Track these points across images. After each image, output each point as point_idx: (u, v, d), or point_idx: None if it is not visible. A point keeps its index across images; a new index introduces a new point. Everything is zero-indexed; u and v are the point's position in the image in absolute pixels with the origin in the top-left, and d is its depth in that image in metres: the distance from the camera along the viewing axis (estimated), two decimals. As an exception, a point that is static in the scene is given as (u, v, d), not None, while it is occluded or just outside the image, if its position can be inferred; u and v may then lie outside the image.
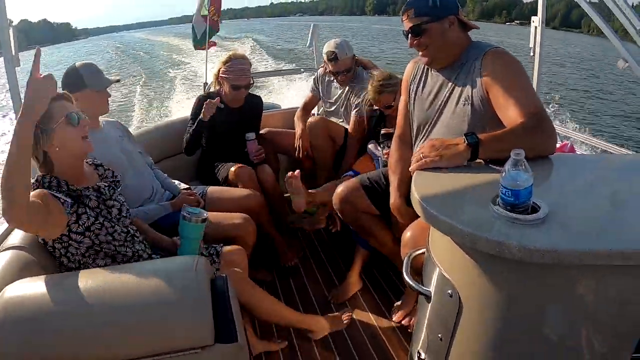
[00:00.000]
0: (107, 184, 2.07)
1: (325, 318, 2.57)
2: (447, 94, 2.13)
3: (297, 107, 4.09)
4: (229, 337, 1.58)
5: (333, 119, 3.73)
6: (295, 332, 2.63)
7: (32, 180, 1.83)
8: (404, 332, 2.59)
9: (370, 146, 3.27)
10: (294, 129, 3.74)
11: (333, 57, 3.36)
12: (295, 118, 3.78)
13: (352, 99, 3.48)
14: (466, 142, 1.61)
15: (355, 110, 3.42)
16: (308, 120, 3.52)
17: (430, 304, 1.57)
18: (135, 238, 2.09)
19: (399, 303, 2.73)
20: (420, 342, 1.71)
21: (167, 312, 1.53)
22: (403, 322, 2.62)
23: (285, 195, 3.57)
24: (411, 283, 1.61)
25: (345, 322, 2.60)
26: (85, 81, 2.45)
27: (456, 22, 2.07)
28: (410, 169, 1.63)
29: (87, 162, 2.08)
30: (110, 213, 2.01)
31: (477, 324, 1.41)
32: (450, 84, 2.11)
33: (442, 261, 1.49)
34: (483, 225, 1.25)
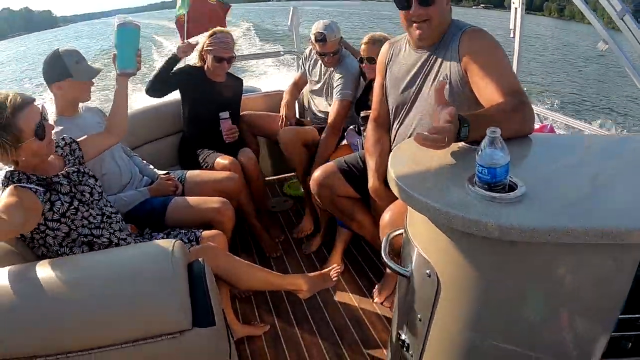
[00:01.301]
0: (75, 169, 2.05)
1: (311, 276, 2.44)
2: (425, 74, 2.09)
3: (278, 91, 4.08)
4: (206, 321, 1.57)
5: (317, 99, 3.68)
6: (277, 315, 2.64)
7: (2, 177, 1.83)
8: (386, 314, 2.60)
9: (350, 132, 3.24)
10: (274, 112, 3.72)
11: (321, 39, 3.30)
12: (285, 92, 3.76)
13: (335, 80, 3.43)
14: (459, 136, 1.51)
15: (338, 94, 3.33)
16: (279, 134, 3.41)
17: (409, 285, 1.56)
18: (113, 218, 2.07)
19: (379, 285, 2.73)
20: (400, 323, 1.70)
21: (143, 298, 1.51)
22: (384, 304, 2.63)
23: (266, 179, 3.56)
24: (390, 264, 1.59)
25: (334, 278, 2.45)
26: (69, 70, 2.37)
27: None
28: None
29: None
30: (83, 196, 1.99)
31: (455, 304, 1.40)
32: (427, 63, 2.08)
33: (420, 241, 1.48)
34: (459, 204, 1.24)
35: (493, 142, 1.26)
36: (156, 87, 3.26)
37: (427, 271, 1.42)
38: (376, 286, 2.75)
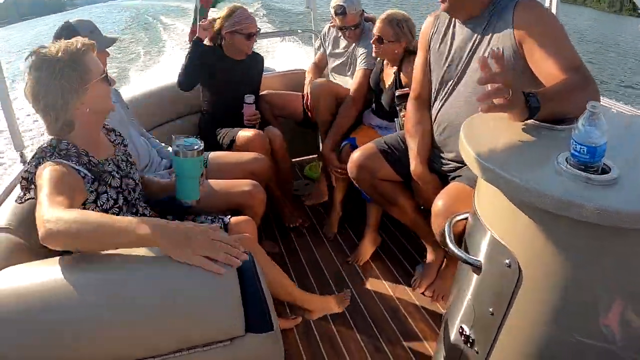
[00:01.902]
0: (124, 158, 1.86)
1: (325, 298, 2.40)
2: (473, 49, 1.97)
3: (297, 70, 3.94)
4: (262, 326, 1.33)
5: (339, 77, 3.53)
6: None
7: (45, 145, 1.59)
8: (425, 304, 2.46)
9: (367, 114, 3.11)
10: (293, 91, 3.59)
11: (341, 12, 3.15)
12: (307, 72, 3.65)
13: (358, 55, 3.27)
14: (528, 105, 1.39)
15: (362, 64, 3.20)
16: (312, 86, 3.31)
17: (479, 275, 1.41)
18: (148, 216, 1.90)
19: (419, 273, 2.59)
20: (463, 317, 1.57)
21: (185, 300, 1.27)
22: (425, 294, 2.48)
23: (292, 160, 3.40)
24: (458, 253, 1.45)
25: (345, 304, 2.43)
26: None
27: None
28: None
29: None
30: (129, 193, 1.80)
31: (537, 297, 1.26)
32: (476, 37, 1.95)
33: (497, 227, 1.33)
34: (551, 184, 1.12)
35: (592, 119, 1.13)
36: (190, 81, 3.08)
37: (507, 261, 1.28)
38: (415, 275, 2.61)
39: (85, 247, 1.26)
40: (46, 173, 1.45)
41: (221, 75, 3.12)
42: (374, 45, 2.88)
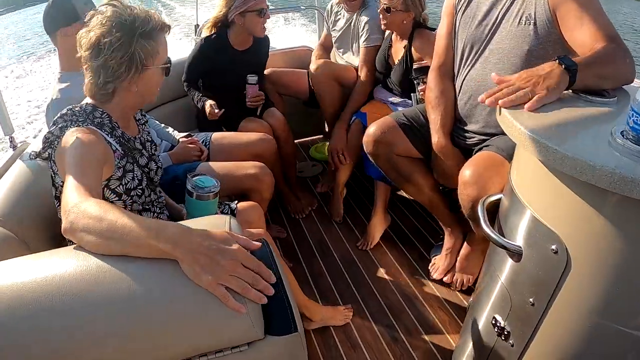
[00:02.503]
0: (149, 139, 1.73)
1: (328, 310, 2.21)
2: (502, 12, 1.85)
3: (302, 47, 3.79)
4: (284, 327, 1.09)
5: (344, 55, 3.39)
6: (320, 295, 2.37)
7: (76, 108, 1.46)
8: (445, 292, 2.33)
9: (376, 94, 2.94)
10: (299, 69, 3.43)
11: None
12: (312, 54, 3.52)
13: (361, 26, 3.12)
14: (563, 66, 1.31)
15: (364, 41, 3.05)
16: (311, 67, 3.17)
17: (519, 262, 1.28)
18: (161, 202, 1.77)
19: (437, 258, 2.45)
20: (496, 306, 1.44)
21: (195, 301, 1.04)
22: (444, 279, 2.34)
23: (295, 141, 3.25)
24: (494, 237, 1.31)
25: (346, 319, 2.20)
26: (77, 12, 2.06)
27: None
28: (501, 102, 1.30)
29: None
30: (153, 175, 1.68)
31: (586, 284, 1.14)
32: (506, 0, 1.84)
33: (540, 207, 1.20)
34: (606, 157, 1.00)
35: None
36: (194, 78, 3.02)
37: (553, 246, 1.15)
38: (433, 260, 2.47)
39: (102, 250, 1.09)
40: (77, 142, 1.32)
41: (224, 67, 2.96)
42: (381, 16, 2.72)
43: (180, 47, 2.98)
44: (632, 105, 1.02)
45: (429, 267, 2.45)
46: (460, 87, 2.05)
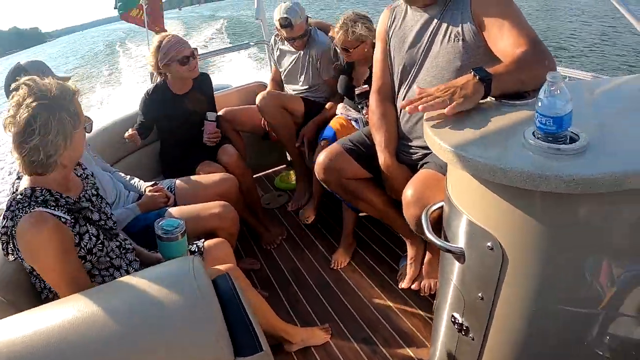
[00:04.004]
0: (94, 192, 1.81)
1: (305, 330, 2.29)
2: (433, 33, 2.00)
3: (254, 82, 3.91)
4: (251, 347, 1.27)
5: (291, 87, 3.52)
6: (296, 315, 2.48)
7: (18, 196, 1.53)
8: (415, 298, 2.43)
9: (342, 110, 3.07)
10: (253, 105, 3.49)
11: (287, 24, 3.12)
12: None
13: (311, 62, 3.28)
14: (477, 77, 1.43)
15: (324, 76, 3.29)
16: (257, 100, 3.26)
17: (463, 262, 1.40)
18: (127, 248, 1.86)
19: (402, 268, 2.57)
20: (453, 305, 1.55)
21: (167, 331, 1.24)
22: (412, 287, 2.45)
23: (255, 175, 3.35)
24: (438, 243, 1.43)
25: (325, 338, 2.29)
26: None
27: None
28: (421, 107, 1.41)
29: None
30: (106, 224, 1.76)
31: (522, 275, 1.26)
32: (435, 21, 1.99)
33: (474, 211, 1.31)
34: (520, 160, 1.10)
35: (553, 89, 1.13)
36: (146, 133, 3.13)
37: (488, 244, 1.26)
38: (400, 271, 2.58)
39: None
40: (37, 239, 1.47)
41: (169, 115, 3.06)
42: (344, 56, 2.93)
43: (140, 94, 3.10)
44: (537, 107, 1.13)
45: (397, 278, 2.56)
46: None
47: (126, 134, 2.91)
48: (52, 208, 1.53)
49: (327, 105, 3.31)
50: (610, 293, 1.21)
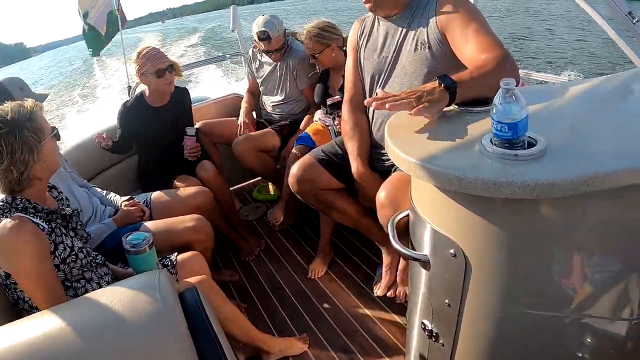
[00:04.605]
0: (70, 210, 1.84)
1: (284, 340, 2.30)
2: (400, 41, 2.04)
3: (231, 94, 3.94)
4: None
5: (270, 98, 3.55)
6: (274, 327, 2.47)
7: None
8: (392, 305, 2.44)
9: (320, 115, 3.09)
10: (230, 117, 3.58)
11: (265, 37, 3.16)
12: (242, 102, 3.64)
13: (288, 71, 3.33)
14: (442, 85, 1.45)
15: (303, 85, 3.35)
16: (233, 147, 3.30)
17: (428, 270, 1.41)
18: (98, 261, 1.88)
19: (378, 276, 2.58)
20: (423, 312, 1.56)
21: (133, 346, 1.25)
22: (389, 294, 2.46)
23: (233, 188, 3.35)
24: (403, 251, 1.45)
25: (303, 347, 2.29)
26: (13, 97, 2.10)
27: None
28: (388, 106, 1.43)
29: None
30: (80, 241, 1.78)
31: (486, 280, 1.27)
32: (401, 30, 2.03)
33: (436, 219, 1.33)
34: (478, 167, 1.12)
35: (508, 95, 1.14)
36: (124, 151, 3.19)
37: (451, 251, 1.28)
38: (375, 278, 2.59)
39: None
40: (15, 243, 1.49)
41: (146, 128, 3.07)
42: (313, 62, 3.00)
43: (117, 108, 3.13)
44: (492, 114, 1.15)
45: (373, 285, 2.57)
46: (372, 115, 2.20)
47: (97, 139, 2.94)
48: (32, 215, 1.59)
49: (304, 122, 3.34)
50: (575, 295, 1.23)
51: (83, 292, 1.73)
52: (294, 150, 3.00)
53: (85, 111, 17.25)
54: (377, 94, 2.11)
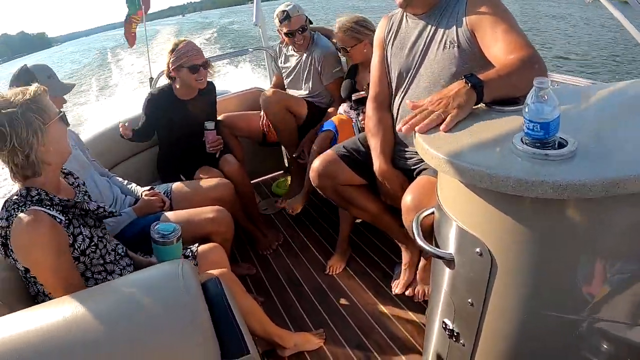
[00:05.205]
0: (86, 199, 1.84)
1: (298, 335, 2.29)
2: (428, 39, 2.03)
3: (252, 88, 3.94)
4: (237, 350, 1.29)
5: (294, 92, 3.55)
6: (292, 322, 2.47)
7: (14, 196, 1.57)
8: (409, 304, 2.43)
9: (343, 109, 3.08)
10: (251, 111, 3.58)
11: (285, 16, 3.20)
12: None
13: (313, 65, 3.33)
14: (469, 84, 1.44)
15: (329, 78, 3.33)
16: (261, 98, 3.33)
17: (452, 268, 1.40)
18: (120, 253, 1.88)
19: (397, 274, 2.58)
20: (444, 311, 1.55)
21: (156, 334, 1.25)
22: (407, 293, 2.46)
23: (252, 181, 3.36)
24: (428, 249, 1.44)
25: (319, 343, 2.29)
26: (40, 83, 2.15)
27: None
28: (418, 129, 1.41)
29: None
30: (98, 230, 1.77)
31: (511, 280, 1.26)
32: (430, 28, 2.02)
33: (463, 217, 1.32)
34: (508, 166, 1.11)
35: (540, 95, 1.13)
36: (145, 138, 3.19)
37: (477, 249, 1.27)
38: (394, 276, 2.59)
39: None
40: (33, 237, 1.50)
41: (171, 119, 3.08)
42: (343, 57, 3.02)
43: (136, 99, 3.16)
44: (524, 113, 1.14)
45: (391, 283, 2.56)
46: (397, 112, 2.18)
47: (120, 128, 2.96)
48: (48, 207, 1.57)
49: (329, 111, 3.34)
50: (600, 299, 1.21)
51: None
52: (314, 147, 3.00)
53: (104, 102, 17.41)
54: (403, 95, 2.12)
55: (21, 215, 1.50)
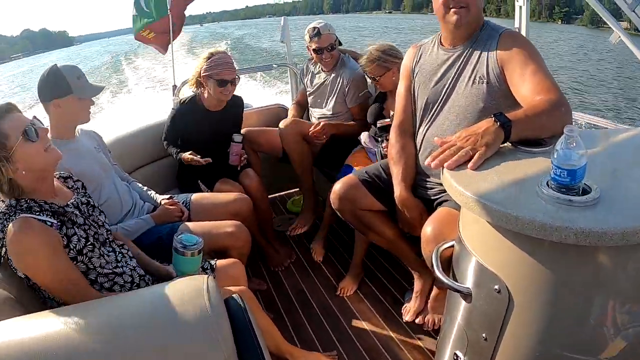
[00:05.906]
0: (85, 201, 1.84)
1: (310, 355, 2.29)
2: (458, 72, 2.06)
3: (275, 105, 3.98)
4: None
5: (317, 110, 3.58)
6: (300, 342, 2.48)
7: (4, 208, 1.56)
8: (419, 332, 2.44)
9: (364, 138, 3.10)
10: (272, 127, 3.59)
11: (315, 33, 3.25)
12: (289, 110, 3.75)
13: (340, 86, 3.36)
14: (498, 123, 1.47)
15: (356, 101, 3.36)
16: (280, 124, 3.34)
17: (470, 302, 1.42)
18: (126, 254, 1.89)
19: (408, 301, 2.59)
20: (456, 343, 1.57)
21: (178, 350, 1.25)
22: (417, 321, 2.47)
23: (269, 196, 3.39)
24: (446, 281, 1.46)
25: None
26: (70, 86, 2.18)
27: None
28: (447, 165, 1.44)
29: (55, 177, 1.81)
30: (96, 232, 1.78)
31: (527, 319, 1.28)
32: (460, 62, 2.05)
33: (483, 253, 1.34)
34: (533, 209, 1.13)
35: (569, 142, 1.16)
36: (171, 141, 3.22)
37: (496, 287, 1.29)
38: (405, 304, 2.60)
39: None
40: (24, 243, 1.50)
41: (197, 129, 3.12)
42: (376, 86, 3.03)
43: (159, 107, 3.18)
44: (552, 159, 1.17)
45: (402, 310, 2.58)
46: (421, 143, 2.21)
47: (188, 157, 3.01)
48: (37, 213, 1.57)
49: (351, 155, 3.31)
50: (613, 342, 1.22)
51: (111, 285, 1.76)
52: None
53: (120, 105, 17.52)
54: (428, 126, 2.15)
55: (11, 224, 1.50)
